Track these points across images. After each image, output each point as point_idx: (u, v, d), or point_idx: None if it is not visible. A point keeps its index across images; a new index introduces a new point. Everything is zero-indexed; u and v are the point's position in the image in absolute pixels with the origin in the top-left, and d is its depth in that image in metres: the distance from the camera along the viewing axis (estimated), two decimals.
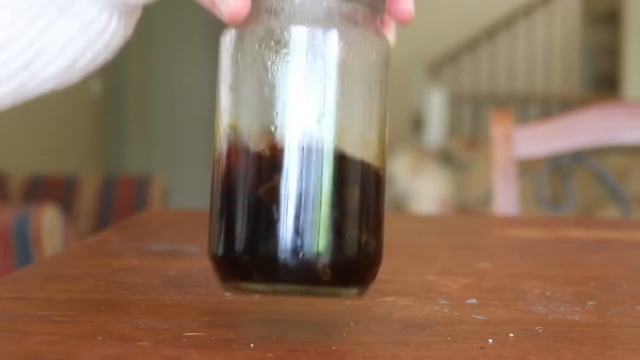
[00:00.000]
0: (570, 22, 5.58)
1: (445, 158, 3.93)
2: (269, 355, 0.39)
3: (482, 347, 0.42)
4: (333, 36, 0.42)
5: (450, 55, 5.36)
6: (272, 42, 0.42)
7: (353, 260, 0.42)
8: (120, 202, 3.10)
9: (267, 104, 0.42)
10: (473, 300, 0.52)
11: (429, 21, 5.44)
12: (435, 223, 1.00)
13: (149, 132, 5.37)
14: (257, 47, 0.42)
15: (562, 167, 1.19)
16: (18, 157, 3.54)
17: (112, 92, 5.01)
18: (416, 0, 0.45)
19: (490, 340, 0.43)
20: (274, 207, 0.41)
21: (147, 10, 0.49)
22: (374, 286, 0.55)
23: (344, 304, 0.51)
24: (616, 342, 0.46)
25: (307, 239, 0.41)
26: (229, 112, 0.43)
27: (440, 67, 5.33)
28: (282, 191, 0.41)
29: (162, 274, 0.59)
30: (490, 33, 5.41)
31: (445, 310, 0.50)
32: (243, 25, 0.43)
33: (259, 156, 0.41)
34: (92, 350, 0.40)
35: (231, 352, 0.40)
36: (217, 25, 0.46)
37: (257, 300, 0.52)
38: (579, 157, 1.17)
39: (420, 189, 3.74)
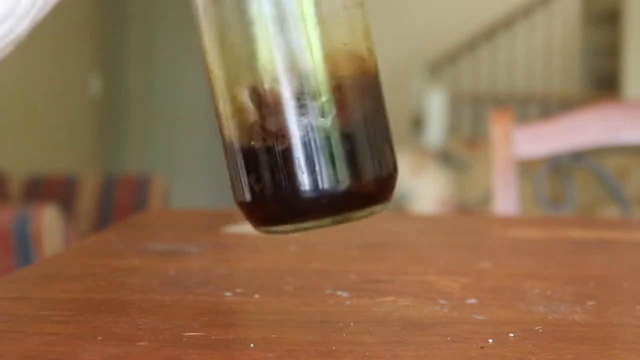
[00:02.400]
0: (570, 22, 5.58)
1: (445, 158, 3.93)
2: (269, 355, 0.39)
3: (482, 347, 0.42)
4: None
5: (450, 55, 5.36)
6: None
7: (372, 179, 0.42)
8: (120, 202, 3.09)
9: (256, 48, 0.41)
10: (473, 300, 0.52)
11: (429, 21, 5.44)
12: (435, 223, 1.00)
13: (149, 132, 5.37)
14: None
15: (562, 167, 1.19)
16: (18, 157, 3.54)
17: (112, 92, 5.01)
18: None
19: (490, 340, 0.43)
20: (285, 148, 0.41)
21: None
22: (374, 286, 0.55)
23: (343, 304, 0.51)
24: (616, 342, 0.46)
25: (323, 171, 0.41)
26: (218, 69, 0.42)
27: (440, 67, 5.33)
28: (289, 129, 0.41)
29: (162, 274, 0.59)
30: (490, 33, 5.41)
31: (445, 310, 0.49)
32: None
33: (259, 104, 0.41)
34: (92, 350, 0.40)
35: (231, 352, 0.40)
36: None
37: (257, 300, 0.52)
38: (579, 157, 1.17)
39: (420, 189, 3.74)
